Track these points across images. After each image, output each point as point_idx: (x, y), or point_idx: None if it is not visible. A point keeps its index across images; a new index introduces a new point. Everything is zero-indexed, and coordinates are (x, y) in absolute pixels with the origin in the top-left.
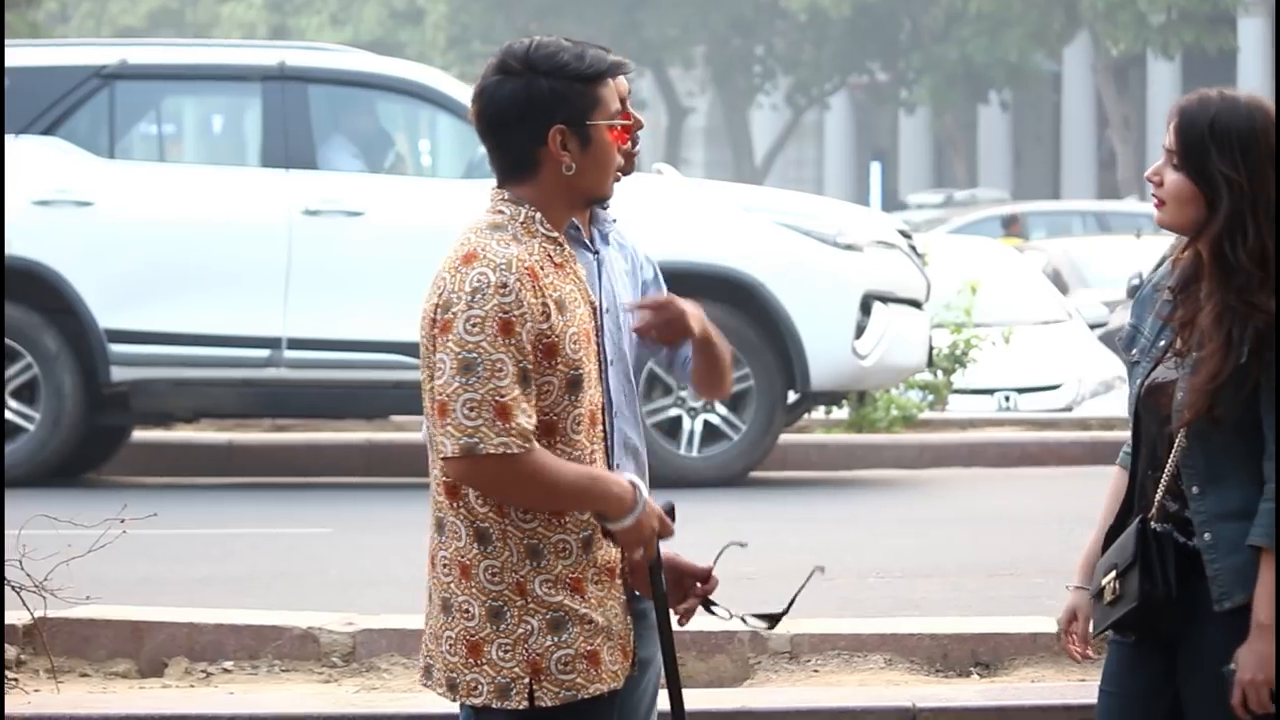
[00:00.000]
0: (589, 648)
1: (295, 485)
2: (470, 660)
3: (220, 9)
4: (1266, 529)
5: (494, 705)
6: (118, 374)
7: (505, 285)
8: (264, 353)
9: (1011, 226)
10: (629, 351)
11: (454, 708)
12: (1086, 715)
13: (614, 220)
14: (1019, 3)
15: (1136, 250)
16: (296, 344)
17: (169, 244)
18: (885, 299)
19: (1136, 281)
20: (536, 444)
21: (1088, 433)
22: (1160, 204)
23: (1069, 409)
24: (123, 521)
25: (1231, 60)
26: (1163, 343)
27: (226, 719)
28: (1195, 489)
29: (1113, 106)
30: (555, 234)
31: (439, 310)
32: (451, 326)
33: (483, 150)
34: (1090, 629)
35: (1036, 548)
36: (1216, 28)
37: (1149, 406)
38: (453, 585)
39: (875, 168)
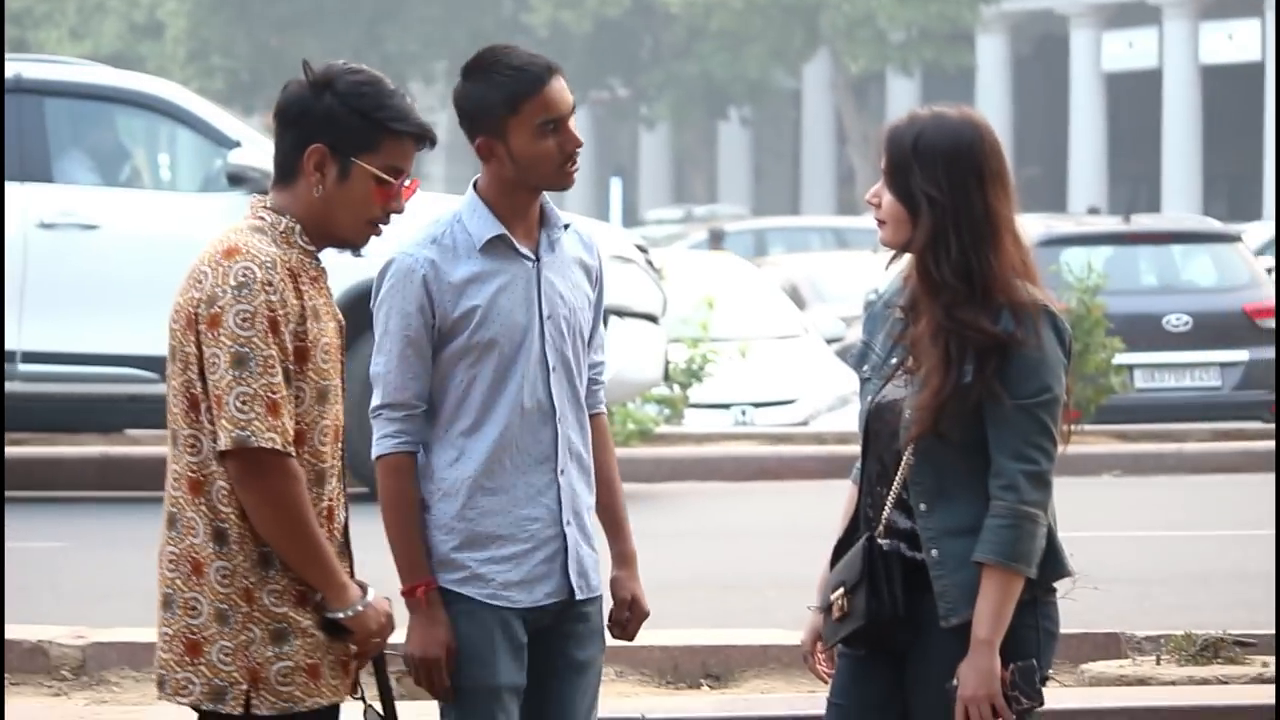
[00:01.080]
0: (309, 661)
1: (30, 500)
2: (187, 659)
3: None
4: (991, 545)
5: (203, 707)
6: None
7: (270, 283)
8: None
9: (715, 244)
10: (573, 358)
11: (183, 716)
12: None
13: (566, 225)
14: (760, 20)
15: (874, 266)
16: (31, 357)
17: None
18: (621, 314)
19: (873, 297)
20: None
21: (824, 447)
22: (882, 224)
23: (805, 423)
24: None
25: (970, 77)
26: (894, 360)
27: None
28: (923, 505)
29: (852, 123)
30: (311, 247)
31: (202, 305)
32: (221, 321)
33: (219, 163)
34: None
35: (769, 561)
36: (956, 45)
37: (879, 423)
38: (179, 581)
39: (615, 183)
